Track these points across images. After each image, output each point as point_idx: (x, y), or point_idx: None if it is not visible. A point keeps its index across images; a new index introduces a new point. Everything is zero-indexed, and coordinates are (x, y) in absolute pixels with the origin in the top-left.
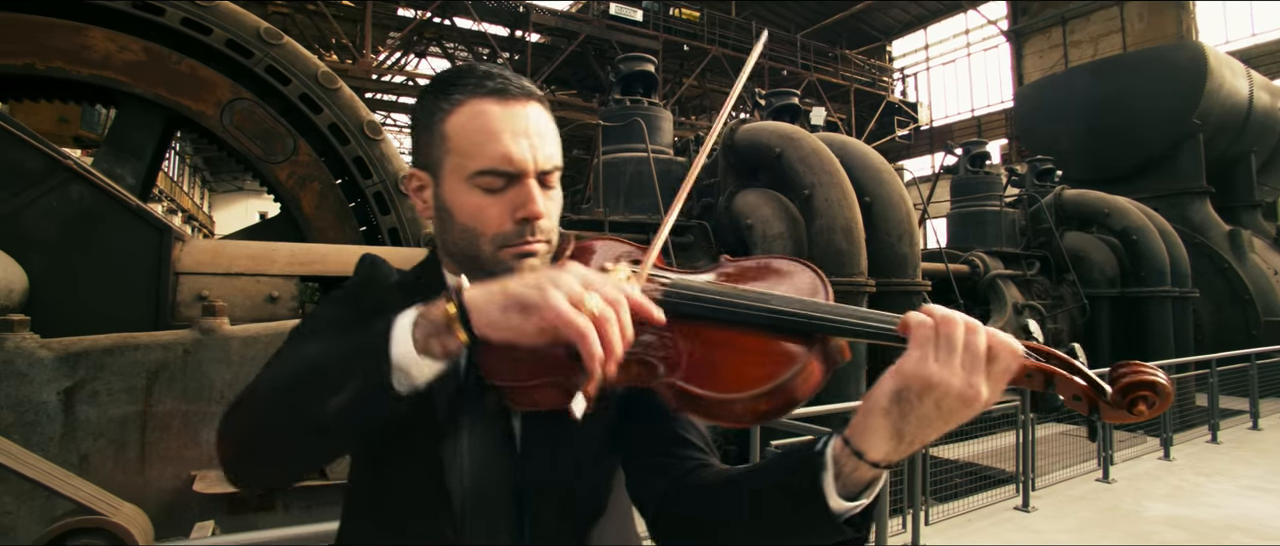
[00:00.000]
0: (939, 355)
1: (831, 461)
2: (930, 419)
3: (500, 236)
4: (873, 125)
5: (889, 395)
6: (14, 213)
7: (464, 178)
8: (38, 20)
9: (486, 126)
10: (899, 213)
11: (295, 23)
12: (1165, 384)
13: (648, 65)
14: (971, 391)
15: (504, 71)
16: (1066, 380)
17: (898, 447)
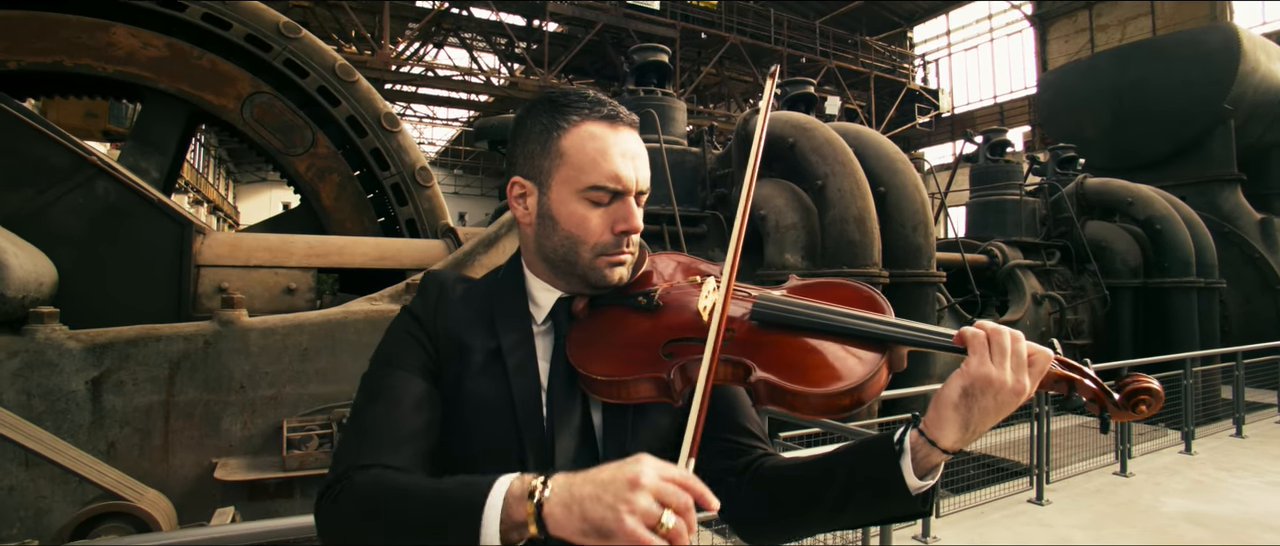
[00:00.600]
0: (994, 358)
1: (910, 449)
2: (989, 410)
3: (600, 246)
4: (893, 113)
5: (959, 392)
6: (42, 208)
7: (575, 190)
8: (65, 18)
9: (600, 146)
10: (913, 203)
11: (315, 16)
12: (1159, 390)
13: (661, 55)
14: (1020, 386)
15: (609, 99)
16: (1084, 386)
17: (964, 436)
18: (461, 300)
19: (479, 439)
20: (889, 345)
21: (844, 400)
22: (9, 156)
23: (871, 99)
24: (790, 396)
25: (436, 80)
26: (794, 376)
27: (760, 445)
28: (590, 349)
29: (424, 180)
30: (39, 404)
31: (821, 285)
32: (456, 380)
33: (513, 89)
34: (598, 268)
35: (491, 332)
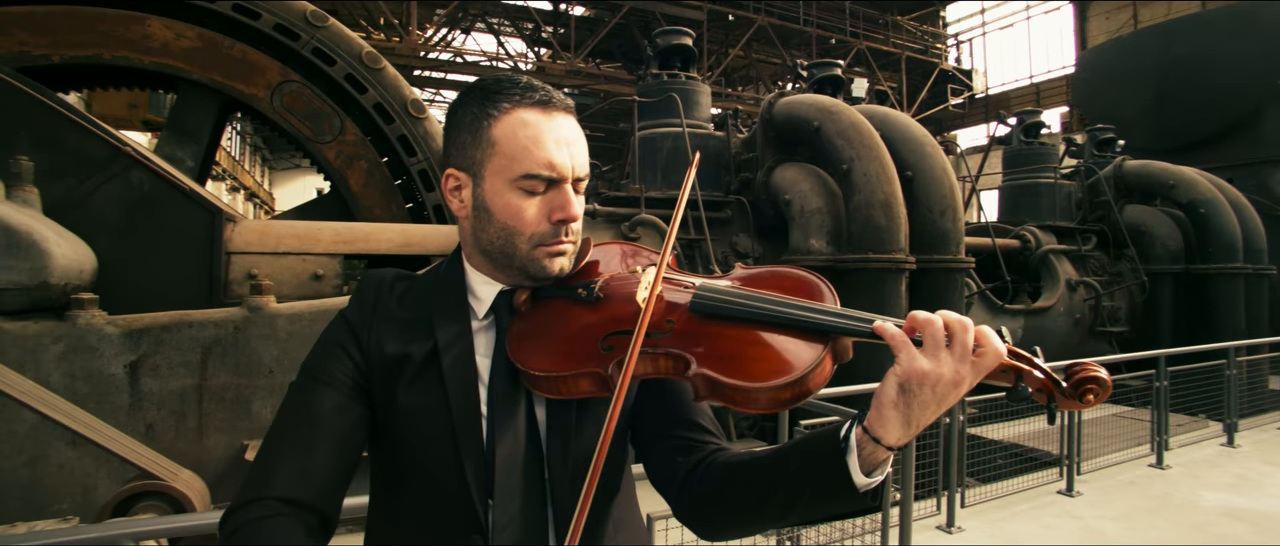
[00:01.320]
0: (927, 352)
1: (855, 446)
2: (929, 403)
3: (537, 236)
4: (925, 94)
5: (895, 389)
6: (83, 198)
7: (508, 180)
8: (103, 12)
9: (532, 134)
10: (941, 187)
11: (344, 3)
12: (1107, 379)
13: (685, 39)
14: (958, 377)
15: (543, 85)
16: (1031, 375)
17: (908, 431)
18: (399, 301)
19: (417, 448)
20: (832, 335)
21: (784, 394)
22: (51, 148)
23: (903, 80)
24: (729, 391)
25: (464, 66)
26: (732, 370)
27: (712, 440)
28: (529, 343)
29: None
30: (82, 386)
31: (768, 273)
32: (389, 393)
33: (539, 74)
34: (536, 259)
35: (429, 332)
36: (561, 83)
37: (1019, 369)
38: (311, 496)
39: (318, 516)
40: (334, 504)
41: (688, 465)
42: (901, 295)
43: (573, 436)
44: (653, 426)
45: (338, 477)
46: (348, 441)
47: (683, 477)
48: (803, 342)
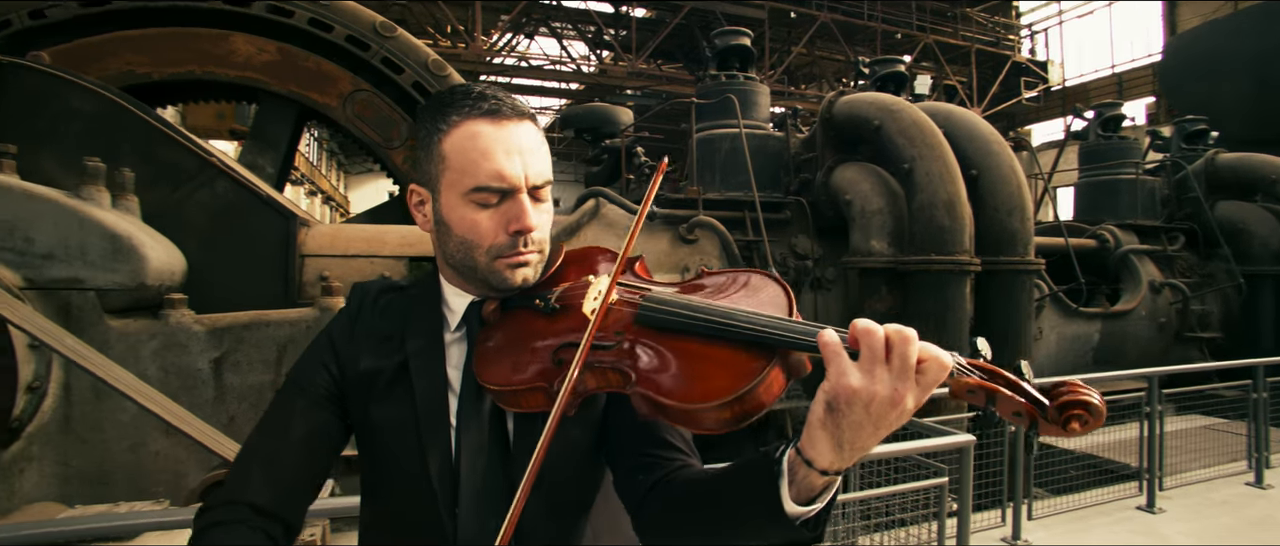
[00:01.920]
0: (862, 365)
1: (787, 469)
2: (863, 425)
3: (495, 248)
4: (996, 88)
5: (823, 406)
6: (175, 205)
7: (460, 193)
8: (195, 31)
9: (480, 146)
10: (1009, 185)
11: (413, 13)
12: (1099, 404)
13: (743, 39)
14: (897, 397)
15: (497, 92)
16: (1007, 398)
17: (841, 455)
18: (381, 314)
19: (388, 460)
20: (778, 349)
21: (725, 414)
22: (149, 161)
23: (972, 74)
24: (670, 410)
25: (528, 70)
26: (671, 388)
27: (678, 457)
28: (489, 356)
29: None
30: (174, 380)
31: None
32: (363, 407)
33: (602, 76)
34: (497, 271)
35: (402, 345)
36: (623, 84)
37: (991, 390)
38: (277, 504)
39: (281, 524)
40: (298, 511)
41: (648, 483)
42: (965, 298)
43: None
44: (618, 441)
45: (304, 486)
46: (316, 452)
47: (641, 496)
48: (746, 356)
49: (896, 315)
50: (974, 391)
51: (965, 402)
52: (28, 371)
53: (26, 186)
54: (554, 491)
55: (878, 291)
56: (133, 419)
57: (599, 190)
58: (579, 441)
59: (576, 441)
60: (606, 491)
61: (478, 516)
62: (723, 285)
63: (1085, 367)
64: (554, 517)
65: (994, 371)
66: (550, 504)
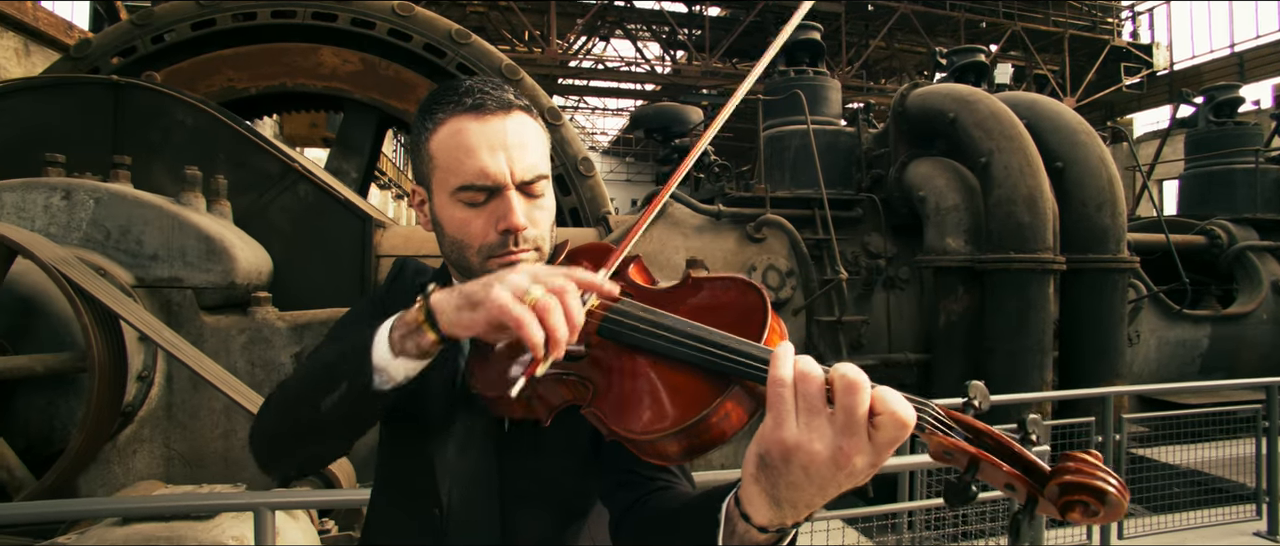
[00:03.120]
0: (800, 417)
1: (724, 518)
2: (801, 485)
3: (486, 248)
4: (1093, 75)
5: (754, 460)
6: (262, 209)
7: (449, 193)
8: (286, 46)
9: (464, 143)
10: (1098, 178)
11: (490, 20)
12: (1114, 493)
13: (813, 33)
14: (842, 458)
15: (484, 86)
16: (995, 466)
17: (779, 513)
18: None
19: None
20: (734, 378)
21: (671, 447)
22: (241, 168)
23: (1065, 61)
24: (615, 435)
25: (603, 73)
26: (619, 413)
27: (662, 477)
28: (479, 357)
29: (587, 171)
30: (259, 373)
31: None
32: None
33: (676, 76)
34: (490, 272)
35: None
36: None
37: (975, 456)
38: None
39: None
40: None
41: (628, 500)
42: (1048, 299)
43: (527, 451)
44: (606, 453)
45: None
46: None
47: (620, 514)
48: (701, 383)
49: (974, 316)
50: (952, 453)
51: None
52: (137, 362)
53: (137, 193)
54: (545, 499)
55: (954, 291)
56: (224, 408)
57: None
58: (571, 451)
59: (568, 450)
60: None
61: (467, 510)
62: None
63: (1191, 376)
64: (546, 522)
65: (982, 430)
66: (544, 511)
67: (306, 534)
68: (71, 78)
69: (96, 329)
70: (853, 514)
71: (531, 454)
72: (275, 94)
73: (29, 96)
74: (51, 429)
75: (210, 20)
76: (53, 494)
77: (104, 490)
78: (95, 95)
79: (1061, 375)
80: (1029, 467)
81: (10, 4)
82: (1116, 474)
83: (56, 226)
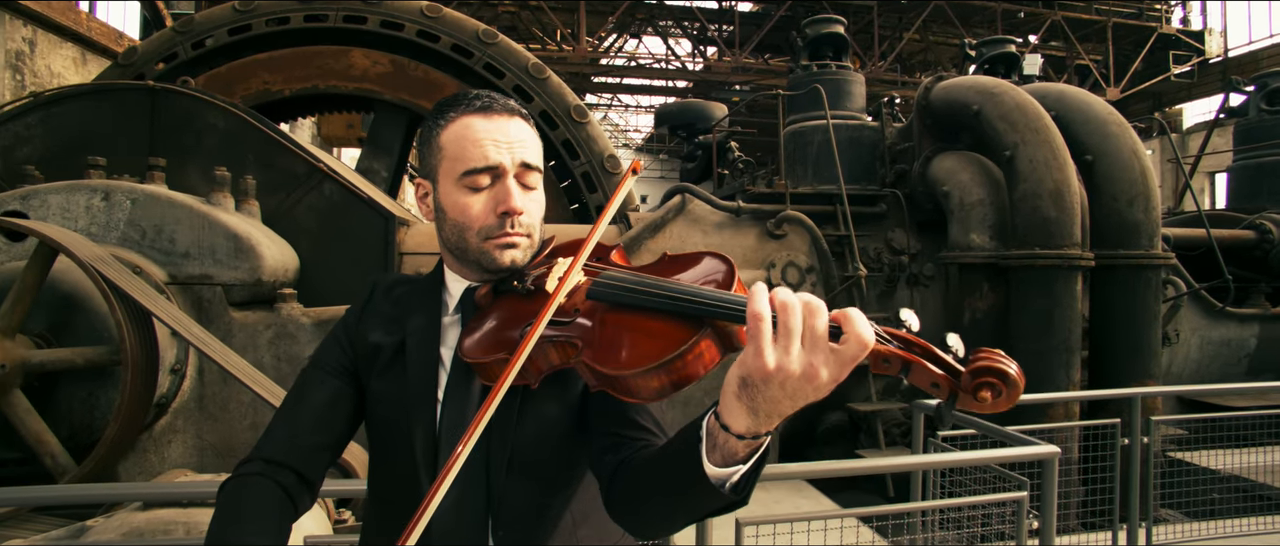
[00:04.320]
0: (779, 343)
1: (706, 434)
2: (778, 399)
3: (485, 229)
4: (1139, 64)
5: (736, 382)
6: (289, 208)
7: (454, 179)
8: (319, 49)
9: (472, 135)
10: (1130, 171)
11: (521, 19)
12: (1016, 376)
13: (836, 27)
14: (811, 373)
15: (491, 94)
16: (923, 367)
17: (756, 421)
18: (393, 301)
19: (384, 429)
20: (706, 319)
21: (654, 381)
22: (269, 168)
23: (1109, 51)
24: (608, 378)
25: (634, 70)
26: (608, 357)
27: (645, 437)
28: (472, 335)
29: (612, 168)
30: (285, 367)
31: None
32: (368, 380)
33: (707, 73)
34: (487, 252)
35: (403, 326)
36: (729, 80)
37: (906, 358)
38: (292, 458)
39: (294, 474)
40: (312, 464)
41: (614, 462)
42: (1076, 296)
43: (511, 427)
44: (592, 423)
45: (317, 442)
46: (329, 414)
47: (609, 475)
48: (678, 327)
49: (999, 314)
50: (888, 360)
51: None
52: (170, 356)
53: (171, 194)
54: (532, 469)
55: (978, 289)
56: (252, 400)
57: (685, 186)
58: (557, 421)
59: (554, 421)
60: (590, 475)
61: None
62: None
63: (1237, 377)
64: (532, 496)
65: (911, 340)
66: (528, 480)
67: (321, 524)
68: (112, 84)
69: (129, 324)
70: (868, 512)
71: (517, 426)
72: (309, 96)
73: (76, 103)
74: (92, 418)
75: (246, 25)
76: (92, 479)
77: (142, 477)
78: (134, 100)
79: (1092, 374)
80: (949, 367)
81: (67, 16)
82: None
83: (97, 226)
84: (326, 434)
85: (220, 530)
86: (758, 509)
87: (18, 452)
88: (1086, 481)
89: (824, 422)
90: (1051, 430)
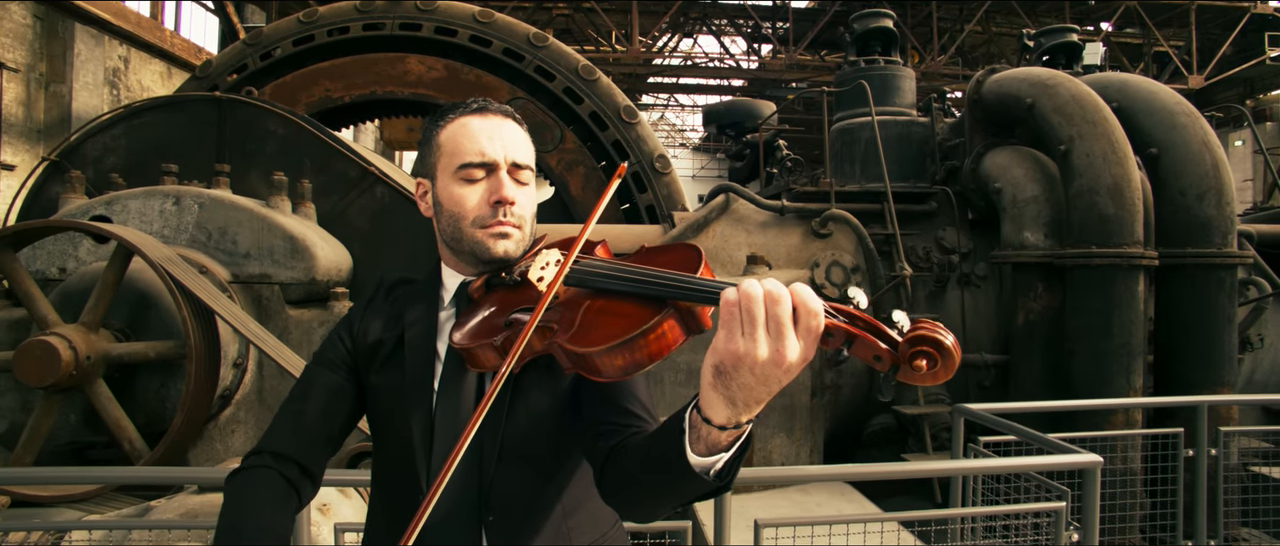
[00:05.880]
0: (744, 329)
1: (689, 426)
2: (752, 385)
3: (478, 219)
4: (1227, 48)
5: (711, 370)
6: (342, 210)
7: (451, 173)
8: (377, 56)
9: (468, 131)
10: (1200, 164)
11: (574, 21)
12: (951, 347)
13: (884, 21)
14: (779, 356)
15: (486, 100)
16: (867, 341)
17: (734, 411)
18: (393, 299)
19: (383, 418)
20: (670, 302)
21: (618, 359)
22: (324, 172)
23: (1192, 35)
24: (577, 358)
25: (688, 69)
26: (578, 337)
27: (636, 423)
28: (464, 325)
29: (662, 168)
30: None
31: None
32: (368, 375)
33: (761, 71)
34: (480, 241)
35: (402, 321)
36: (784, 78)
37: (849, 332)
38: (294, 451)
39: (296, 466)
40: (314, 455)
41: (606, 449)
42: (1138, 297)
43: (502, 417)
44: (583, 410)
45: (320, 436)
46: (331, 408)
47: (602, 461)
48: (643, 309)
49: (1055, 315)
50: (832, 334)
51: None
52: (232, 350)
53: (233, 198)
54: (523, 459)
55: (1033, 289)
56: None
57: (728, 185)
58: (548, 412)
59: (545, 412)
60: (584, 463)
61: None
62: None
63: None
64: (523, 485)
65: (856, 314)
66: (520, 472)
67: (357, 510)
68: (184, 96)
69: (194, 320)
70: (910, 517)
71: (508, 416)
72: (368, 101)
73: (153, 115)
74: (164, 408)
75: (309, 36)
76: (163, 464)
77: (208, 463)
78: (203, 110)
79: (1158, 381)
80: (891, 341)
81: (154, 35)
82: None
83: (169, 229)
84: (328, 427)
85: (228, 519)
86: (795, 509)
87: (104, 436)
88: (1152, 493)
89: (871, 425)
90: (1106, 438)
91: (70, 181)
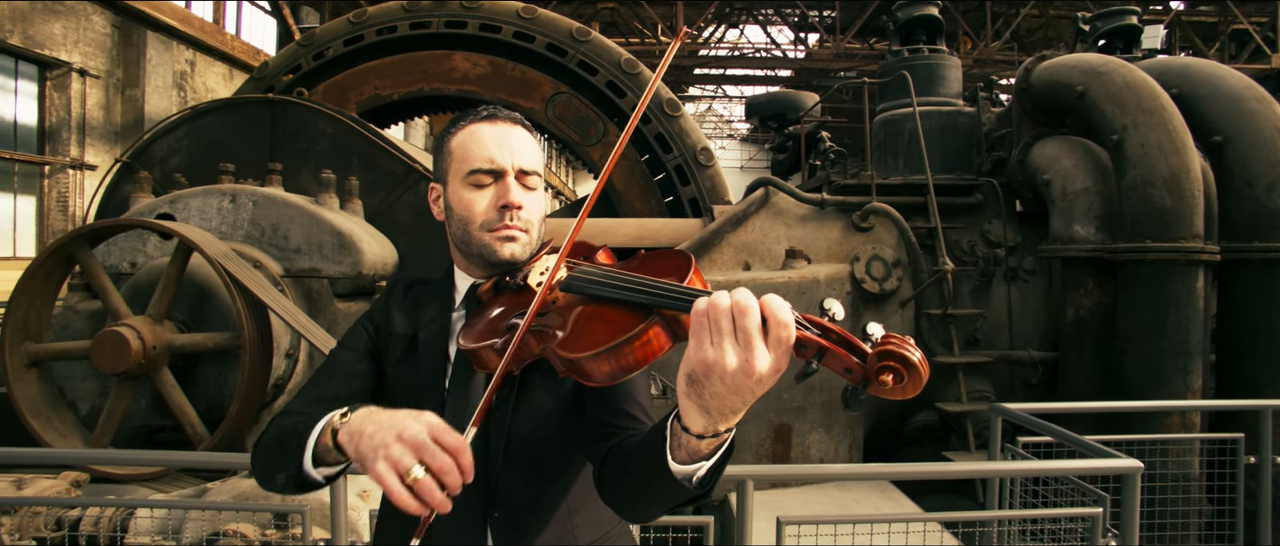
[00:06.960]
0: (712, 339)
1: (670, 434)
2: (724, 395)
3: (486, 222)
4: None
5: (685, 379)
6: (388, 207)
7: (461, 178)
8: (423, 54)
9: (478, 138)
10: (1271, 153)
11: (620, 15)
12: (918, 363)
13: (929, 8)
14: (748, 367)
15: (496, 107)
16: (838, 354)
17: (709, 420)
18: (410, 298)
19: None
20: (654, 309)
21: (604, 365)
22: (371, 170)
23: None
24: (568, 364)
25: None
26: (569, 343)
27: (634, 424)
28: (471, 327)
29: (706, 161)
30: None
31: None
32: (385, 367)
33: (809, 61)
34: (488, 243)
35: (417, 321)
36: (831, 67)
37: (821, 345)
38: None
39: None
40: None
41: (605, 450)
42: (1196, 293)
43: (506, 417)
44: (585, 410)
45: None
46: (354, 381)
47: (600, 462)
48: (630, 316)
49: (1106, 312)
50: (804, 345)
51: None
52: (285, 341)
53: (285, 195)
54: (528, 460)
55: (1083, 284)
56: None
57: (768, 179)
58: (551, 414)
59: (548, 413)
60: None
61: None
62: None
63: None
64: (528, 485)
65: (830, 328)
66: (525, 472)
67: None
68: (240, 99)
69: (248, 313)
70: (943, 517)
71: (512, 417)
72: (415, 98)
73: (213, 116)
74: (223, 395)
75: (359, 36)
76: (221, 449)
77: None
78: (258, 111)
79: (1221, 382)
80: (862, 354)
81: (216, 39)
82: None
83: (226, 225)
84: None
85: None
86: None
87: (171, 421)
88: (1213, 500)
89: (912, 422)
90: (1159, 441)
91: (139, 181)
